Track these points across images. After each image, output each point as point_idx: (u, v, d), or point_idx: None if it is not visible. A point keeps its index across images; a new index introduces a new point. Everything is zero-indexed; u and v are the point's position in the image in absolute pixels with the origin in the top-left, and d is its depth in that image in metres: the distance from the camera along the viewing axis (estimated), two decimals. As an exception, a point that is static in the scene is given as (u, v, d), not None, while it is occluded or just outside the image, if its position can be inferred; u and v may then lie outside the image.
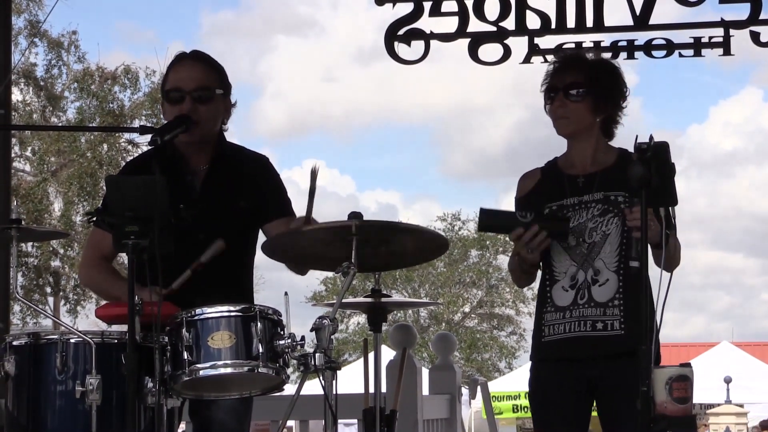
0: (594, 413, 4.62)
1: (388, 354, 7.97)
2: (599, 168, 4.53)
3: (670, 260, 4.17)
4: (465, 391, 10.31)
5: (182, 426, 5.36)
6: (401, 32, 7.23)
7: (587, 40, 7.12)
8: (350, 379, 6.77)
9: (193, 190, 4.51)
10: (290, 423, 10.86)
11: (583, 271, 4.44)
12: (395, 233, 4.26)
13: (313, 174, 4.23)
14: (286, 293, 4.07)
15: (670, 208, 4.09)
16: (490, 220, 4.49)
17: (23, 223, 4.03)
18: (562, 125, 4.57)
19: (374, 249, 4.16)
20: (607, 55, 7.06)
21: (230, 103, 4.64)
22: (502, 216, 4.48)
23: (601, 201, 4.46)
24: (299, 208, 4.65)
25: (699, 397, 4.74)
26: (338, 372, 3.97)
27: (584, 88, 4.53)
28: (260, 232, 4.62)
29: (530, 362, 4.63)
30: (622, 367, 4.34)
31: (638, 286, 4.41)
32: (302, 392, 4.13)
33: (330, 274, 38.42)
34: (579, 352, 4.39)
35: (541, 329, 4.52)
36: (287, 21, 53.20)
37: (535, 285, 4.75)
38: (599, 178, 4.50)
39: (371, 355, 4.43)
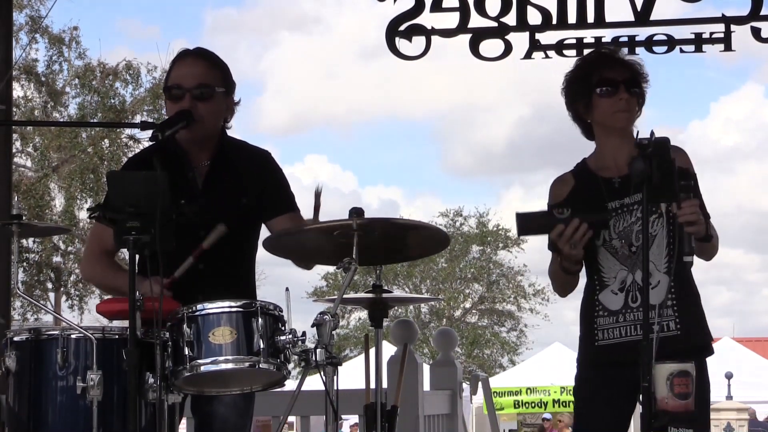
0: None
1: (389, 350, 7.98)
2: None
3: (711, 250, 4.35)
4: (466, 386, 10.31)
5: (183, 422, 5.36)
6: (402, 28, 7.22)
7: (588, 35, 7.11)
8: (351, 375, 6.77)
9: (195, 186, 4.50)
10: (291, 419, 10.88)
11: (632, 274, 4.38)
12: (396, 230, 4.27)
13: (317, 195, 4.23)
14: (287, 289, 4.08)
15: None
16: (528, 223, 4.40)
17: (24, 218, 4.03)
18: (623, 119, 4.49)
19: (375, 244, 4.16)
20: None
21: (233, 101, 4.63)
22: (539, 217, 4.40)
23: (641, 202, 4.30)
24: (302, 204, 4.66)
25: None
26: (339, 368, 3.97)
27: (637, 86, 4.52)
28: (263, 227, 4.61)
29: (577, 365, 4.56)
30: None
31: (688, 285, 4.43)
32: (303, 388, 4.14)
33: (331, 269, 38.47)
34: (635, 355, 4.15)
35: (593, 333, 4.44)
36: (291, 17, 53.22)
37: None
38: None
39: (372, 351, 4.43)
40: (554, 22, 7.10)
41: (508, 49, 7.18)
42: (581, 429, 4.52)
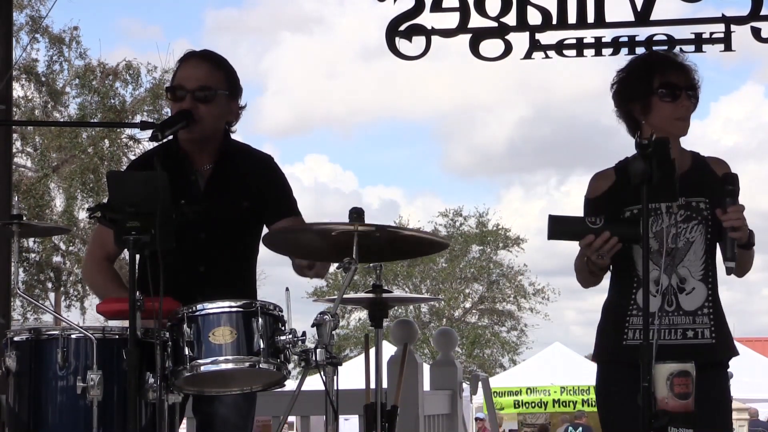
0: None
1: (389, 350, 7.99)
2: (678, 172, 4.27)
3: (747, 261, 4.30)
4: (466, 386, 10.30)
5: (183, 422, 5.36)
6: (402, 28, 7.22)
7: (588, 35, 7.11)
8: (351, 375, 6.78)
9: (197, 189, 4.50)
10: (291, 419, 10.87)
11: (666, 275, 4.31)
12: (395, 234, 4.28)
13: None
14: (287, 289, 4.08)
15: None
16: (559, 227, 4.30)
17: (24, 218, 4.03)
18: (681, 127, 4.41)
19: (375, 244, 4.16)
20: (608, 51, 7.09)
21: (238, 105, 4.62)
22: (572, 222, 4.32)
23: (683, 207, 4.33)
24: (302, 205, 4.66)
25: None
26: (339, 368, 3.97)
27: (694, 92, 4.43)
28: (263, 228, 4.61)
29: (598, 362, 4.49)
30: (709, 378, 4.20)
31: (719, 295, 4.36)
32: (303, 388, 4.14)
33: (331, 269, 38.50)
34: (665, 359, 4.05)
35: (622, 331, 4.36)
36: (292, 18, 53.22)
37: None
38: (679, 183, 4.24)
39: (372, 351, 4.43)
40: (554, 22, 7.10)
41: (508, 49, 7.17)
42: (604, 427, 4.45)
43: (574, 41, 7.09)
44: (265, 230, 4.60)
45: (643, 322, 3.95)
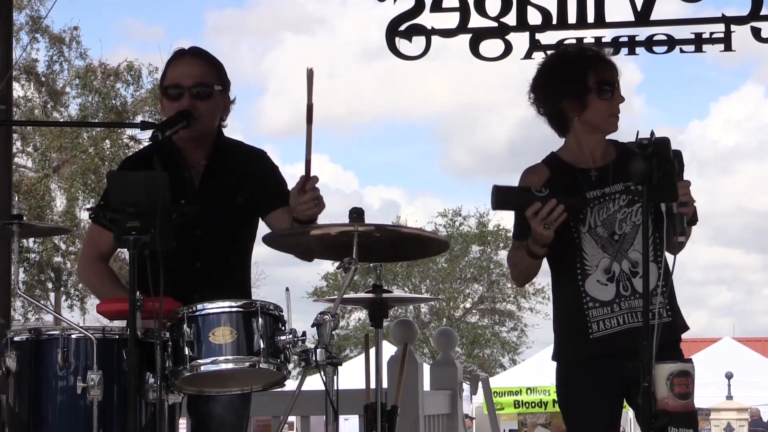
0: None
1: (389, 350, 7.98)
2: (608, 161, 4.45)
3: (687, 239, 4.22)
4: (466, 386, 10.30)
5: (182, 422, 5.37)
6: (402, 28, 7.23)
7: (588, 35, 7.11)
8: (351, 375, 6.77)
9: (192, 185, 4.51)
10: (291, 419, 10.87)
11: (617, 263, 4.36)
12: (396, 234, 4.27)
13: (309, 77, 4.09)
14: (287, 289, 4.08)
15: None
16: (505, 197, 4.32)
17: (24, 218, 4.03)
18: (614, 124, 4.48)
19: (375, 244, 4.16)
20: (608, 51, 7.08)
21: (229, 99, 4.64)
22: (517, 192, 4.34)
23: (623, 192, 4.39)
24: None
25: (700, 393, 4.73)
26: (339, 368, 3.97)
27: (619, 87, 4.51)
28: (259, 224, 4.62)
29: (558, 362, 4.49)
30: (668, 357, 4.19)
31: (669, 272, 4.37)
32: (303, 388, 4.14)
33: (331, 269, 38.52)
34: (631, 344, 4.05)
35: (586, 326, 4.38)
36: (293, 18, 53.21)
37: (535, 279, 4.68)
38: (613, 171, 4.41)
39: (372, 351, 4.43)
40: (554, 22, 7.11)
41: (508, 49, 7.18)
42: (574, 426, 4.46)
43: (574, 41, 7.09)
44: (261, 226, 4.60)
45: (644, 321, 3.94)
